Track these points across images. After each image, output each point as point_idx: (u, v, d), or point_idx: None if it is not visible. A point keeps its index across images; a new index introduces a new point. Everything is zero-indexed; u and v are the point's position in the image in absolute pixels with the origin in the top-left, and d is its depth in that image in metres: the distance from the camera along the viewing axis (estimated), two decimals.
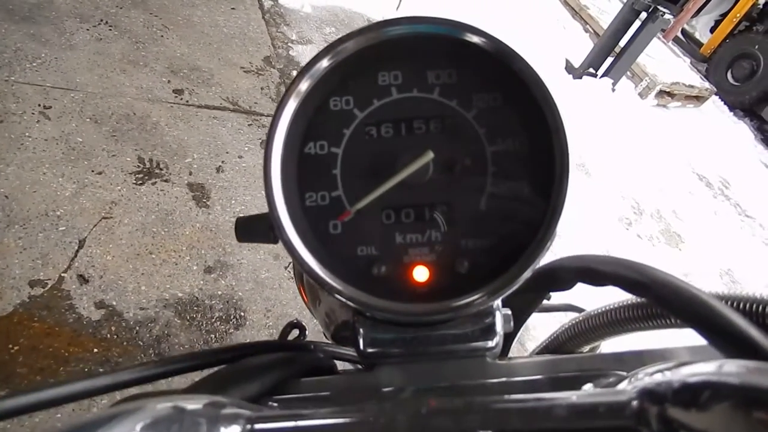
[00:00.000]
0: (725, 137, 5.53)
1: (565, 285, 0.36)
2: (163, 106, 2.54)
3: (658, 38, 5.49)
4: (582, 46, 5.02)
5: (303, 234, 0.32)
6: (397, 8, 4.20)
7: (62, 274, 1.80)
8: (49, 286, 1.75)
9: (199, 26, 3.13)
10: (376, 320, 0.34)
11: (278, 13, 3.60)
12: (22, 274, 1.75)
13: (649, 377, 0.21)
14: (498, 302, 0.35)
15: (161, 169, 2.26)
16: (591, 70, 4.67)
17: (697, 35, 7.36)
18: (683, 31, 7.12)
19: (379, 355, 0.34)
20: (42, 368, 1.58)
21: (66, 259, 1.84)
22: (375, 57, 0.34)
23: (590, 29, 5.71)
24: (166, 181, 2.22)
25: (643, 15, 4.29)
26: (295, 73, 3.08)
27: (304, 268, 0.32)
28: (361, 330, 0.34)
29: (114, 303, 1.80)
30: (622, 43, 4.53)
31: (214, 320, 1.90)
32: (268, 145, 0.33)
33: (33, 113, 2.21)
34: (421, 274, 0.33)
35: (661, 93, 5.20)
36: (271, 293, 2.05)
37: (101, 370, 1.65)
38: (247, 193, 2.34)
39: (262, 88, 2.93)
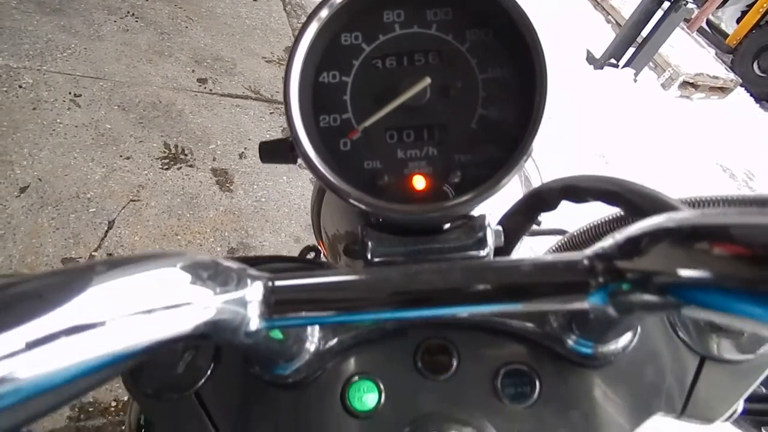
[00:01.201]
0: (750, 129, 5.44)
1: (551, 205, 0.40)
2: (188, 94, 2.60)
3: (682, 29, 5.42)
4: (603, 37, 4.98)
5: (318, 150, 0.36)
6: None
7: (93, 253, 1.87)
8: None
9: (222, 18, 3.19)
10: (382, 232, 0.38)
11: (299, 4, 3.65)
12: (55, 252, 1.83)
13: (600, 243, 0.24)
14: (489, 220, 0.39)
15: (186, 155, 2.32)
16: (612, 60, 4.64)
17: (722, 26, 7.24)
18: (708, 22, 7.01)
19: (384, 264, 0.38)
20: None
21: (96, 239, 1.92)
22: None
23: (612, 19, 5.66)
24: (190, 166, 2.29)
25: (666, 4, 4.25)
26: None
27: (320, 176, 0.36)
28: (369, 243, 0.38)
29: None
30: (645, 33, 4.49)
31: None
32: (287, 74, 0.37)
33: (64, 101, 2.29)
34: (419, 182, 0.37)
35: (685, 84, 5.14)
36: None
37: None
38: (269, 179, 2.39)
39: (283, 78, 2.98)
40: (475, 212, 0.39)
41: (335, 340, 0.34)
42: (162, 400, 0.36)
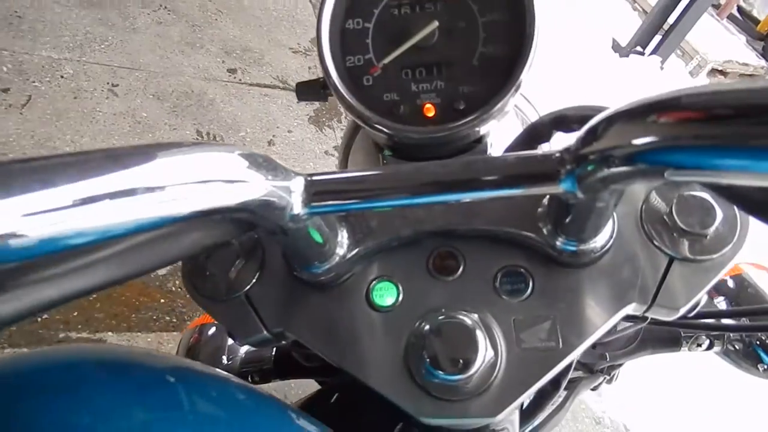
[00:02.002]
0: None
1: (546, 136, 0.46)
2: (218, 84, 2.70)
3: (711, 16, 5.35)
4: (629, 24, 4.95)
5: (346, 85, 0.44)
6: None
7: None
8: None
9: (250, 10, 3.28)
10: (401, 158, 0.45)
11: None
12: None
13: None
14: (492, 150, 0.46)
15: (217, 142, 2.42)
16: (638, 48, 4.60)
17: (754, 12, 7.09)
18: (739, 8, 6.87)
19: None
20: (116, 314, 1.76)
21: None
22: None
23: (638, 7, 5.60)
24: None
25: None
26: None
27: (348, 106, 0.43)
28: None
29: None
30: (672, 20, 4.45)
31: None
32: (319, 23, 0.44)
33: (102, 90, 2.40)
34: (429, 110, 0.44)
35: (713, 71, 5.07)
36: None
37: (167, 318, 1.82)
38: (297, 165, 2.47)
39: (309, 68, 3.06)
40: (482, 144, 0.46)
41: (361, 248, 0.41)
42: (217, 301, 0.43)
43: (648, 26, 4.53)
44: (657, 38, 4.56)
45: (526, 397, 0.39)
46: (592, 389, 0.75)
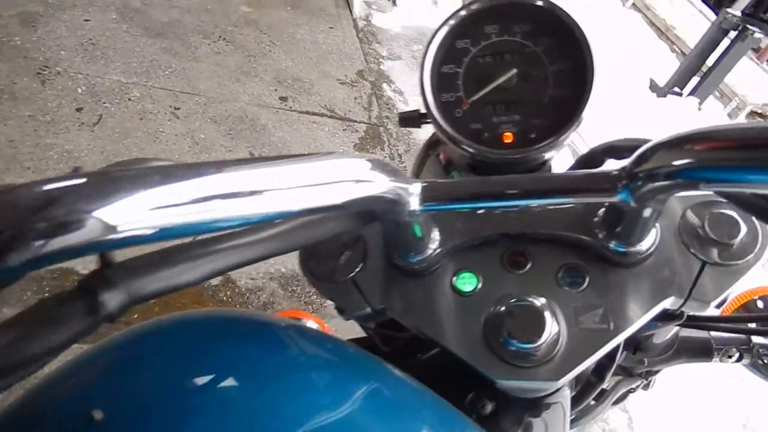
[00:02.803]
0: None
1: (598, 163, 0.55)
2: (270, 110, 2.86)
3: (751, 59, 5.36)
4: (667, 66, 5.01)
5: (442, 116, 0.53)
6: None
7: None
8: None
9: (302, 43, 3.47)
10: (482, 173, 0.54)
11: (371, 32, 3.91)
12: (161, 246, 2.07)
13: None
14: (550, 165, 0.56)
15: None
16: (676, 89, 4.65)
17: None
18: None
19: None
20: None
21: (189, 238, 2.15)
22: (483, 15, 0.55)
23: (677, 49, 5.67)
24: None
25: (732, 34, 4.26)
26: (385, 85, 3.34)
27: (443, 131, 0.53)
28: None
29: (230, 273, 2.08)
30: (710, 62, 4.50)
31: (311, 294, 2.14)
32: (422, 66, 0.54)
33: (165, 113, 2.58)
34: (508, 137, 0.54)
35: (752, 114, 5.07)
36: None
37: None
38: None
39: (355, 98, 3.21)
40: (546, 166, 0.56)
41: (449, 244, 0.50)
42: (329, 282, 0.52)
43: (686, 67, 4.58)
44: (695, 80, 4.60)
45: (582, 368, 0.47)
46: (630, 391, 0.82)
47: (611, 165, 0.56)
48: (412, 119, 0.64)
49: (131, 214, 0.25)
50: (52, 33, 2.72)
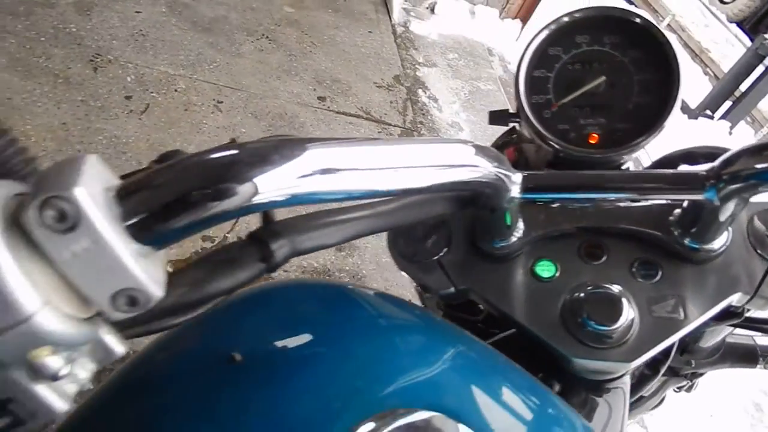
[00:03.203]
0: None
1: (674, 167, 0.60)
2: (309, 109, 2.93)
3: None
4: (700, 89, 5.00)
5: (532, 116, 0.58)
6: (517, 39, 4.45)
7: (226, 234, 2.17)
8: (215, 242, 2.13)
9: (341, 45, 3.54)
10: (565, 167, 0.59)
11: (408, 38, 3.97)
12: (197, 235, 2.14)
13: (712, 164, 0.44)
14: (627, 166, 0.61)
15: None
16: (708, 112, 4.65)
17: None
18: None
19: None
20: None
21: (229, 224, 2.22)
22: (576, 26, 0.60)
23: (710, 72, 5.65)
24: None
25: None
26: (420, 91, 3.39)
27: (534, 130, 0.58)
28: None
29: None
30: (744, 87, 4.49)
31: None
32: (518, 70, 0.59)
33: (209, 106, 2.66)
34: (594, 138, 0.59)
35: None
36: (389, 275, 2.32)
37: None
38: None
39: (391, 102, 3.27)
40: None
41: (533, 234, 0.55)
42: (415, 262, 0.57)
43: (719, 91, 4.58)
44: (728, 103, 4.60)
45: (652, 354, 0.51)
46: (676, 390, 0.86)
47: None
48: (501, 117, 0.69)
49: (296, 178, 0.30)
50: (105, 22, 2.82)
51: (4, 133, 0.31)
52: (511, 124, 0.64)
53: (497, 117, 0.70)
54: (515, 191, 0.46)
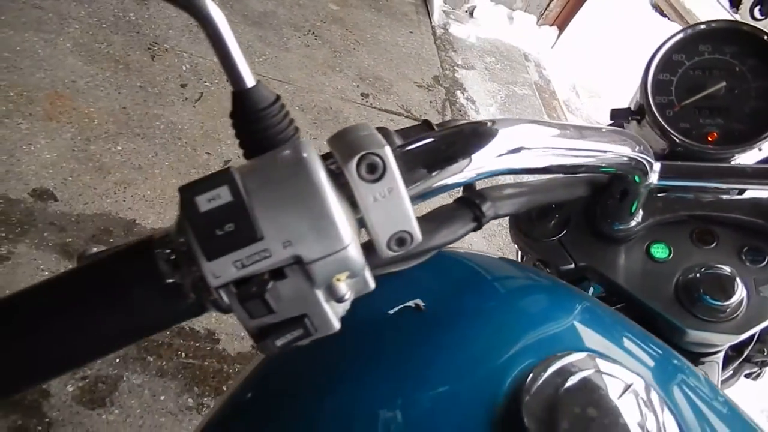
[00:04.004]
0: None
1: None
2: (352, 105, 3.01)
3: None
4: None
5: (657, 113, 0.65)
6: (552, 46, 4.49)
7: None
8: None
9: (383, 44, 3.62)
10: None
11: (448, 40, 4.03)
12: None
13: None
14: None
15: None
16: None
17: None
18: None
19: None
20: None
21: None
22: (699, 36, 0.67)
23: None
24: None
25: None
26: (458, 93, 3.45)
27: (658, 125, 0.64)
28: None
29: None
30: None
31: None
32: (646, 72, 0.66)
33: None
34: (713, 136, 0.65)
35: None
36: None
37: None
38: None
39: (430, 102, 3.34)
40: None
41: (651, 219, 0.61)
42: (539, 241, 0.64)
43: None
44: None
45: (758, 329, 0.58)
46: (745, 376, 0.92)
47: None
48: (622, 115, 0.76)
49: (499, 154, 0.37)
50: (161, 12, 2.92)
51: (277, 99, 0.38)
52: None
53: (617, 114, 0.77)
54: (653, 178, 0.53)
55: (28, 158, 2.02)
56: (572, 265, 0.63)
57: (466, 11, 4.28)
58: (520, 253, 0.73)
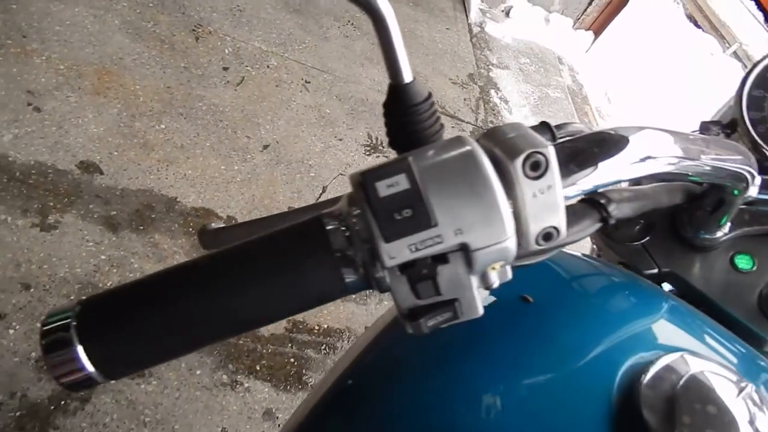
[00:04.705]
0: None
1: None
2: None
3: None
4: None
5: (751, 128, 0.67)
6: (587, 51, 4.48)
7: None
8: None
9: (420, 39, 3.63)
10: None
11: (483, 39, 4.03)
12: (284, 200, 2.26)
13: None
14: None
15: (383, 147, 2.73)
16: None
17: None
18: None
19: None
20: None
21: (312, 198, 2.33)
22: None
23: None
24: (386, 157, 2.68)
25: None
26: (492, 92, 3.45)
27: (750, 138, 0.66)
28: None
29: None
30: None
31: None
32: (741, 88, 0.67)
33: (297, 84, 2.77)
34: None
35: None
36: None
37: None
38: None
39: (464, 99, 3.35)
40: None
41: (737, 231, 0.63)
42: (623, 245, 0.66)
43: None
44: None
45: None
46: None
47: None
48: (712, 127, 0.78)
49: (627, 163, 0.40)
50: None
51: (429, 96, 0.41)
52: None
53: (709, 126, 0.78)
54: (753, 191, 0.55)
55: (76, 131, 2.06)
56: (656, 270, 0.64)
57: (503, 11, 4.28)
58: (594, 252, 0.75)
